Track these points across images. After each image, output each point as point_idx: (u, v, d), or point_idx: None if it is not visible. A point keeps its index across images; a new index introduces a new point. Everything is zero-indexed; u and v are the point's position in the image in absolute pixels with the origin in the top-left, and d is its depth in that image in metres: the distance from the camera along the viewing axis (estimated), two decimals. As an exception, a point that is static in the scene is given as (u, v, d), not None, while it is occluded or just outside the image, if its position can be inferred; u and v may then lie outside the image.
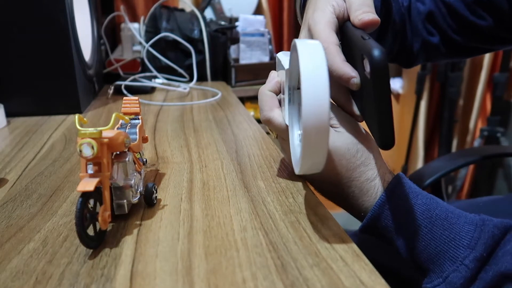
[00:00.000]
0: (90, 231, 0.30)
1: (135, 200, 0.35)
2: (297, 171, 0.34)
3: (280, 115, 0.41)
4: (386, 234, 0.38)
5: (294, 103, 0.39)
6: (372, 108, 0.34)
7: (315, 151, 0.30)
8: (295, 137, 0.38)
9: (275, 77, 0.43)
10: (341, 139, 0.38)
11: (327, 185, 0.40)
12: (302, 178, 0.43)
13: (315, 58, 0.29)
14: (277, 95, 0.43)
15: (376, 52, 0.31)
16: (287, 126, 0.39)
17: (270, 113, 0.41)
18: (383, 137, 0.34)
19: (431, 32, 0.61)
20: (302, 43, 0.31)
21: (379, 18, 0.38)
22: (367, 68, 0.33)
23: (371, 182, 0.38)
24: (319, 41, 0.32)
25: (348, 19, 0.40)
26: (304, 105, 0.28)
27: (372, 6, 0.39)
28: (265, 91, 0.42)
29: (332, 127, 0.39)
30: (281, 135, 0.42)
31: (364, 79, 0.35)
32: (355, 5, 0.39)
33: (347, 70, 0.36)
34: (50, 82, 0.71)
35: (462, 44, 0.61)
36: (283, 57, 0.42)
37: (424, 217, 0.37)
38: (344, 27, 0.40)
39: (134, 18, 1.40)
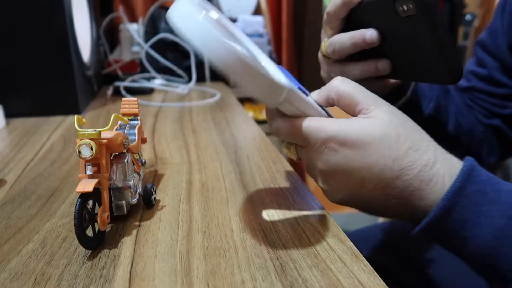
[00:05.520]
0: (89, 232, 0.30)
1: (134, 201, 0.35)
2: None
3: None
4: (459, 230, 0.30)
5: None
6: (426, 44, 0.32)
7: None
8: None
9: None
10: (375, 124, 0.31)
11: (377, 192, 0.31)
12: (301, 179, 0.43)
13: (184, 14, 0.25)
14: None
15: None
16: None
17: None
18: (451, 69, 0.30)
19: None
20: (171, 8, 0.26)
21: None
22: (407, 7, 0.32)
23: (431, 169, 0.30)
24: None
25: None
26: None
27: None
28: None
29: (360, 114, 0.32)
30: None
31: (398, 24, 0.34)
32: None
33: (361, 33, 0.37)
34: (49, 83, 0.71)
35: None
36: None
37: None
38: None
39: (133, 19, 1.39)
